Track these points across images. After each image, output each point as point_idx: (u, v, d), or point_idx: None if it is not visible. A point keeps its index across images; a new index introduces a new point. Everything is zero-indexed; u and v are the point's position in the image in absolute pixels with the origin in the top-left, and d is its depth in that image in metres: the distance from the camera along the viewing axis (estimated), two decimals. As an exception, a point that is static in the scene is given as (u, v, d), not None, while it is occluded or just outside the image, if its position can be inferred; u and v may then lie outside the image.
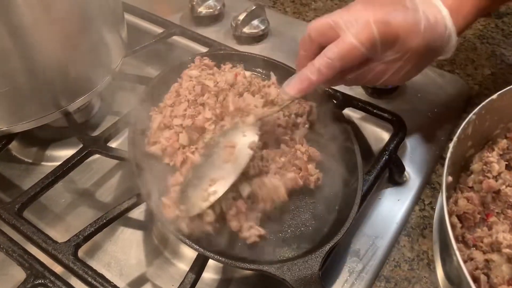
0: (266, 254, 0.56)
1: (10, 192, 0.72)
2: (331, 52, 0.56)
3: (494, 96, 0.53)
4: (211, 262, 0.55)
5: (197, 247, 0.53)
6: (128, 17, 0.90)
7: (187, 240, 0.54)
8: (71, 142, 0.76)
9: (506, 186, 0.55)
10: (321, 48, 0.59)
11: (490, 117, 0.55)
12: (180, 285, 0.53)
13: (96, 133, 0.71)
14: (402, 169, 0.70)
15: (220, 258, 0.53)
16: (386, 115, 0.72)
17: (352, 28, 0.56)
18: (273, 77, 0.74)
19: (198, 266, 0.54)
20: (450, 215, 0.52)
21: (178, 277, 0.62)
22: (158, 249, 0.66)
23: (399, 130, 0.70)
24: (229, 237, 0.56)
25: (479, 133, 0.55)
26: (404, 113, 0.73)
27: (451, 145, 0.49)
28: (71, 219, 0.69)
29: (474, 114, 0.52)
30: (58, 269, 0.55)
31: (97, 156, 0.68)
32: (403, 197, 0.68)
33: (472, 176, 0.56)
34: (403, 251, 0.63)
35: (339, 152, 0.66)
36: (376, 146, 0.76)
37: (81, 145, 0.67)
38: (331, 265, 0.60)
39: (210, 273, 0.63)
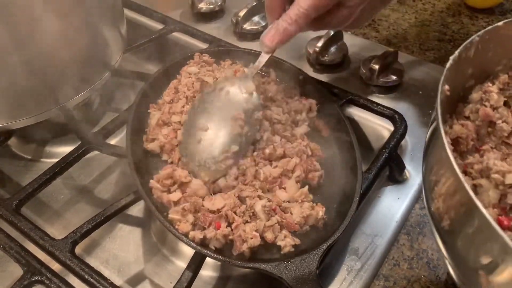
0: (263, 252, 0.55)
1: (8, 188, 0.72)
2: (305, 3, 0.57)
3: (500, 23, 0.52)
4: (208, 259, 0.55)
5: (194, 244, 0.53)
6: (127, 13, 0.90)
7: (184, 238, 0.54)
8: (70, 139, 0.76)
9: (503, 122, 0.54)
10: None
11: (494, 46, 0.53)
12: (177, 283, 0.53)
13: (95, 129, 0.71)
14: (402, 167, 0.69)
15: (218, 256, 0.53)
16: (386, 112, 0.71)
17: None
18: (273, 74, 0.74)
19: (196, 264, 0.54)
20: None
21: (176, 274, 0.62)
22: (156, 246, 0.66)
23: (400, 128, 0.69)
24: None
25: (480, 63, 0.53)
26: (405, 110, 0.73)
27: (451, 58, 0.48)
28: (70, 215, 0.69)
29: (477, 35, 0.50)
30: (55, 266, 0.55)
31: (95, 152, 0.68)
32: (403, 195, 0.68)
33: (470, 105, 0.55)
34: (403, 250, 0.62)
35: (338, 150, 0.66)
36: (376, 144, 0.75)
37: (79, 142, 0.67)
38: (330, 264, 0.60)
39: (208, 271, 0.62)
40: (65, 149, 0.72)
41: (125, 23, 0.78)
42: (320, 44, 0.84)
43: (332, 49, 0.86)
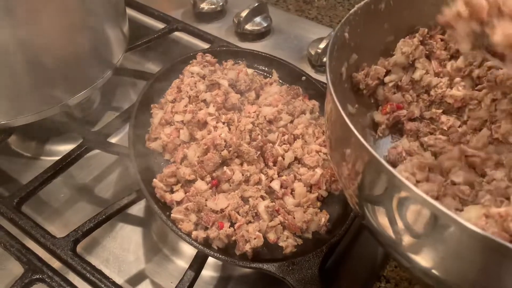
0: (265, 252, 0.55)
1: (9, 186, 0.71)
2: None
3: None
4: (210, 259, 0.55)
5: (197, 244, 0.53)
6: (130, 12, 0.90)
7: (187, 238, 0.53)
8: (70, 137, 0.75)
9: (426, 73, 0.56)
10: None
11: (408, 5, 0.55)
12: (179, 282, 0.53)
13: (96, 128, 0.71)
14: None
15: (220, 256, 0.53)
16: (388, 114, 0.71)
17: None
18: (275, 75, 0.74)
19: (198, 263, 0.54)
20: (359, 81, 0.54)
21: (177, 274, 0.62)
22: (157, 246, 0.66)
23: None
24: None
25: (397, 19, 0.55)
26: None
27: (356, 6, 0.50)
28: (70, 214, 0.69)
29: None
30: (56, 264, 0.55)
31: (96, 151, 0.68)
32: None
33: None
34: (404, 252, 0.62)
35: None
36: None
37: (80, 140, 0.67)
38: (332, 264, 0.60)
39: (209, 271, 0.62)
40: (65, 148, 0.72)
41: (127, 22, 0.78)
42: (322, 46, 0.84)
43: (334, 50, 0.86)
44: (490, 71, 0.54)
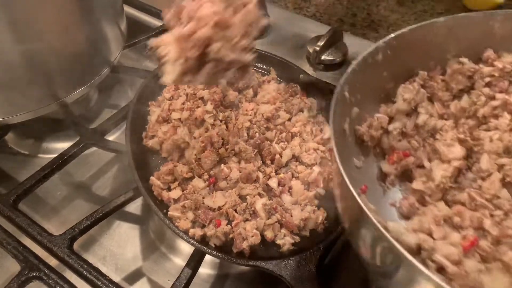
0: (263, 250, 0.55)
1: (5, 184, 0.71)
2: None
3: (405, 30, 0.53)
4: (207, 257, 0.55)
5: (195, 242, 0.53)
6: (127, 9, 0.89)
7: (184, 235, 0.53)
8: (68, 135, 0.75)
9: (430, 117, 0.55)
10: None
11: (405, 51, 0.55)
12: (176, 280, 0.53)
13: (93, 125, 0.71)
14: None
15: (218, 254, 0.53)
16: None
17: None
18: (273, 73, 0.73)
19: (195, 261, 0.54)
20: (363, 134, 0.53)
21: (174, 272, 0.61)
22: (154, 243, 0.66)
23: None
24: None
25: (396, 66, 0.55)
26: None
27: (353, 63, 0.50)
28: (67, 212, 0.69)
29: (383, 42, 0.52)
30: (53, 262, 0.55)
31: (94, 149, 0.68)
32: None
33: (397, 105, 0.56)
34: (401, 250, 0.62)
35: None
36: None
37: (77, 138, 0.67)
38: (330, 262, 0.60)
39: (206, 269, 0.62)
40: (62, 145, 0.72)
41: (125, 20, 0.78)
42: (320, 43, 0.84)
43: (332, 49, 0.86)
44: (496, 110, 0.53)
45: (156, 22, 0.90)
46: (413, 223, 0.46)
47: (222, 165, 0.59)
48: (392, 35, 0.52)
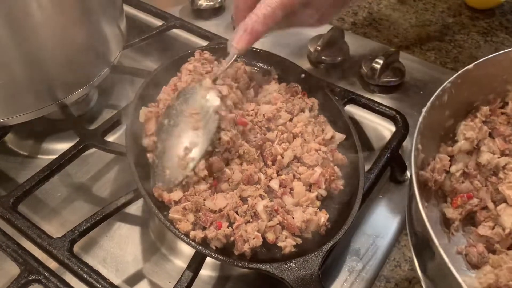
0: (264, 252, 0.55)
1: (5, 185, 0.71)
2: (273, 1, 0.57)
3: (470, 66, 0.53)
4: (209, 259, 0.54)
5: (195, 244, 0.52)
6: (127, 9, 0.89)
7: (185, 238, 0.53)
8: (67, 135, 0.74)
9: (493, 155, 0.54)
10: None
11: (468, 87, 0.54)
12: (177, 283, 0.52)
13: (93, 126, 0.70)
14: (403, 167, 0.69)
15: (219, 256, 0.52)
16: (388, 112, 0.71)
17: None
18: (273, 72, 0.73)
19: (196, 264, 0.53)
20: (428, 181, 0.51)
21: (175, 273, 0.61)
22: (155, 245, 0.65)
23: (401, 128, 0.69)
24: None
25: (457, 103, 0.54)
26: (406, 110, 0.72)
27: (424, 110, 0.48)
28: (67, 213, 0.68)
29: (449, 82, 0.51)
30: (52, 264, 0.54)
31: (93, 150, 0.67)
32: (404, 195, 0.67)
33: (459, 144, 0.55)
34: (404, 251, 0.62)
35: (340, 149, 0.65)
36: (377, 144, 0.75)
37: (77, 139, 0.66)
38: (331, 264, 0.59)
39: (208, 270, 0.62)
40: (62, 146, 0.71)
41: (124, 19, 0.77)
42: (321, 43, 0.83)
43: (333, 48, 0.85)
44: None
45: (156, 22, 0.89)
46: (487, 278, 0.43)
47: (225, 167, 0.58)
48: (458, 73, 0.52)
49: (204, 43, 0.84)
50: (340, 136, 0.65)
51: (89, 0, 0.65)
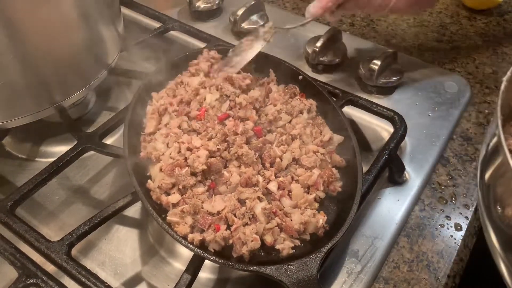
0: (263, 255, 0.55)
1: (3, 188, 0.71)
2: None
3: None
4: (207, 261, 0.54)
5: (193, 247, 0.52)
6: (124, 11, 0.89)
7: (183, 241, 0.53)
8: (65, 138, 0.74)
9: None
10: None
11: None
12: (175, 286, 0.52)
13: (91, 129, 0.70)
14: (402, 168, 0.69)
15: (217, 259, 0.52)
16: (386, 113, 0.71)
17: None
18: (272, 74, 0.73)
19: (194, 266, 0.53)
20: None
21: (174, 276, 0.61)
22: (153, 248, 0.65)
23: (400, 129, 0.68)
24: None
25: None
26: (404, 111, 0.72)
27: (504, 79, 0.48)
28: (65, 216, 0.68)
29: None
30: (50, 268, 0.54)
31: (91, 152, 0.67)
32: (402, 197, 0.67)
33: None
34: (402, 252, 0.62)
35: (338, 151, 0.65)
36: (375, 145, 0.75)
37: (75, 142, 0.66)
38: (329, 266, 0.59)
39: (206, 273, 0.62)
40: (60, 149, 0.71)
41: (122, 22, 0.77)
42: (319, 44, 0.83)
43: (331, 49, 0.85)
44: None
45: (154, 24, 0.89)
46: None
47: (223, 170, 0.58)
48: None
49: (202, 44, 0.84)
50: (338, 138, 0.65)
51: (87, 3, 0.65)
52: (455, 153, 0.74)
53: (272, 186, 0.58)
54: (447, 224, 0.65)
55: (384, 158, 0.65)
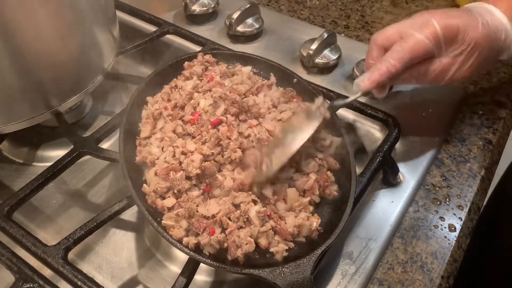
0: (257, 257, 0.55)
1: (0, 193, 0.71)
2: (401, 47, 0.62)
3: None
4: (203, 264, 0.55)
5: (188, 251, 0.53)
6: (120, 15, 0.89)
7: (178, 244, 0.53)
8: (62, 143, 0.75)
9: None
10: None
11: None
12: (171, 288, 0.53)
13: (87, 133, 0.71)
14: (396, 170, 0.69)
15: (212, 263, 0.52)
16: (380, 115, 0.71)
17: (416, 28, 0.62)
18: (273, 78, 0.73)
19: (189, 270, 0.54)
20: None
21: (170, 279, 0.62)
22: (150, 251, 0.66)
23: (393, 131, 0.69)
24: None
25: None
26: (398, 113, 0.73)
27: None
28: (62, 220, 0.69)
29: None
30: (47, 272, 0.55)
31: (88, 157, 0.68)
32: (396, 198, 0.68)
33: None
34: (397, 253, 0.62)
35: (332, 153, 0.66)
36: (369, 147, 0.75)
37: (72, 146, 0.67)
38: (323, 268, 0.60)
39: (202, 276, 0.62)
40: (57, 153, 0.72)
41: (117, 26, 0.78)
42: (313, 46, 0.83)
43: (326, 51, 0.86)
44: None
45: (150, 28, 0.90)
46: None
47: (217, 174, 0.59)
48: None
49: (197, 48, 0.84)
50: (337, 141, 0.65)
51: (82, 7, 0.65)
52: (449, 154, 0.74)
53: (267, 192, 0.59)
54: (441, 225, 0.65)
55: (378, 160, 0.65)
